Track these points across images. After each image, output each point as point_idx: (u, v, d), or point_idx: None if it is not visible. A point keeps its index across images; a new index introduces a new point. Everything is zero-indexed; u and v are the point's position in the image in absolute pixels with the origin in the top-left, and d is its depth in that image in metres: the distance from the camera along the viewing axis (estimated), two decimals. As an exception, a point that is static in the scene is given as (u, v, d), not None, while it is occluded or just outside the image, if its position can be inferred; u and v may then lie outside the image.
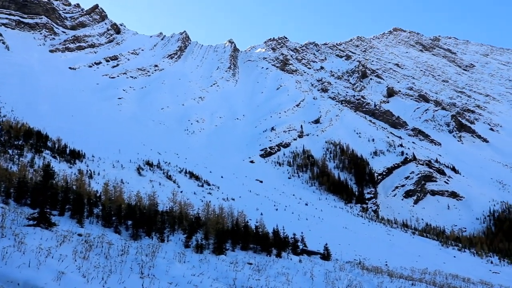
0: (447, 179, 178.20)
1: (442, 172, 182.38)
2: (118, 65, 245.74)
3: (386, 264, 50.51)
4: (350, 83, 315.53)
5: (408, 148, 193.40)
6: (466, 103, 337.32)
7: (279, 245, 34.59)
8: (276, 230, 36.89)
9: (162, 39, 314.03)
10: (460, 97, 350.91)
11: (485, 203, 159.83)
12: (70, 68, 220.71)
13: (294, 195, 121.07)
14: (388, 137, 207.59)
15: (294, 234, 39.31)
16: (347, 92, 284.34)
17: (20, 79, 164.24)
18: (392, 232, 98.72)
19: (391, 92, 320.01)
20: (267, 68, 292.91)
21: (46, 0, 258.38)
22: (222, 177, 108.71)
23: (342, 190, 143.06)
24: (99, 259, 16.68)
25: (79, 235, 21.93)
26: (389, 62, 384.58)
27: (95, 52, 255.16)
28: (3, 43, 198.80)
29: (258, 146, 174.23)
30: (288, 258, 32.67)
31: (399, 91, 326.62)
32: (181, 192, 69.57)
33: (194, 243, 28.35)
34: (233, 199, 79.38)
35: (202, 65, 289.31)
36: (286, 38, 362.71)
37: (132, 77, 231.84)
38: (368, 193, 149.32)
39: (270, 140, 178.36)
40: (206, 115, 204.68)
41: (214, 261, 24.05)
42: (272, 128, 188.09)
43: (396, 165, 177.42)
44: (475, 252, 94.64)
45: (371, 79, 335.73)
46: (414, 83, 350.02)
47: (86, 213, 29.24)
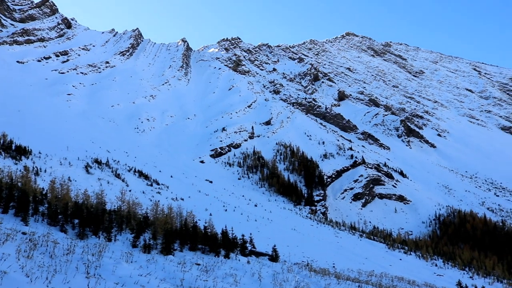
0: (395, 183, 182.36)
1: (390, 176, 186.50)
2: (68, 60, 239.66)
3: (334, 266, 50.98)
4: (302, 85, 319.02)
5: (358, 152, 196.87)
6: (415, 109, 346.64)
7: (228, 246, 34.51)
8: (225, 231, 36.80)
9: (114, 35, 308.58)
10: (410, 102, 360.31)
11: (431, 207, 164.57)
12: (18, 62, 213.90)
13: (243, 196, 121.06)
14: (338, 140, 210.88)
15: (243, 235, 39.31)
16: (298, 94, 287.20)
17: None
18: (340, 234, 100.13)
19: (342, 96, 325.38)
20: (219, 68, 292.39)
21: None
22: (171, 176, 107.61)
23: (292, 192, 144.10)
24: (43, 259, 16.26)
25: (23, 233, 21.32)
26: (341, 66, 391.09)
27: (45, 47, 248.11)
28: None
29: (208, 146, 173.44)
30: (237, 259, 32.63)
31: (350, 95, 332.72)
32: (129, 191, 68.43)
33: (142, 243, 27.96)
34: (182, 199, 78.66)
35: (154, 63, 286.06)
36: (240, 39, 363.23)
37: (82, 73, 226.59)
38: (317, 195, 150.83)
39: (221, 141, 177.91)
40: (157, 114, 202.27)
41: (161, 261, 23.80)
42: (223, 129, 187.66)
43: (345, 168, 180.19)
44: (420, 255, 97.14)
45: (322, 82, 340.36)
46: (365, 87, 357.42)
47: (31, 211, 28.29)
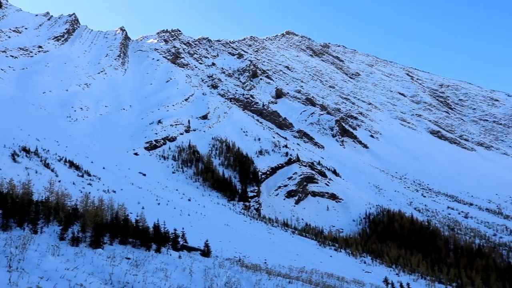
0: (328, 181, 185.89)
1: (324, 175, 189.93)
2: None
3: (265, 262, 51.12)
4: (241, 81, 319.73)
5: (293, 149, 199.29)
6: (350, 110, 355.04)
7: (159, 240, 33.97)
8: (157, 225, 36.19)
9: (49, 19, 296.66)
10: (345, 103, 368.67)
11: (362, 206, 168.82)
12: None
13: (177, 190, 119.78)
14: (274, 137, 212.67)
15: (175, 230, 38.77)
16: (236, 90, 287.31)
17: None
18: (273, 230, 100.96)
19: (279, 94, 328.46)
20: (158, 60, 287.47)
21: None
22: (104, 168, 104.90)
23: (226, 187, 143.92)
24: (-40, 251, 15.38)
25: None
26: (279, 64, 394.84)
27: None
28: None
29: (143, 139, 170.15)
30: (168, 253, 32.16)
31: (288, 93, 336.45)
32: (59, 181, 66.03)
33: (70, 236, 26.97)
34: (114, 192, 76.86)
35: (91, 50, 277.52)
36: (180, 31, 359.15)
37: (12, 56, 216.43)
38: (251, 191, 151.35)
39: (156, 133, 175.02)
40: (91, 103, 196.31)
41: (90, 254, 23.06)
42: (159, 121, 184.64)
43: (280, 165, 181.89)
44: (350, 252, 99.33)
45: (261, 79, 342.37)
46: (302, 86, 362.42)
47: None
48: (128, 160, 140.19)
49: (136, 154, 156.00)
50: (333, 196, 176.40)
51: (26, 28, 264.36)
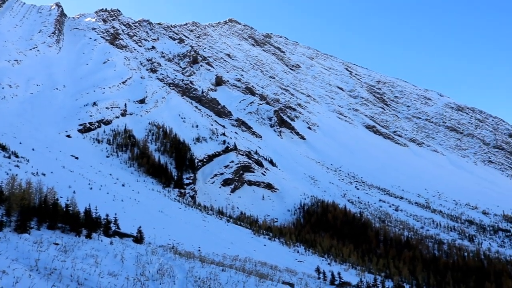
0: (264, 171, 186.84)
1: (260, 164, 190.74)
2: None
3: (199, 250, 50.77)
4: (180, 67, 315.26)
5: (230, 138, 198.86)
6: (289, 101, 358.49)
7: (91, 225, 32.53)
8: (88, 210, 34.67)
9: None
10: (284, 94, 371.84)
11: (297, 196, 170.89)
12: None
13: (111, 174, 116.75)
14: (212, 125, 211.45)
15: (107, 215, 37.39)
16: (176, 75, 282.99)
17: None
18: (208, 218, 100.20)
19: (219, 81, 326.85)
20: (95, 40, 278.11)
21: None
22: (33, 149, 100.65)
23: (161, 174, 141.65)
24: None
25: None
26: (221, 52, 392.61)
27: None
28: None
29: (77, 121, 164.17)
30: (99, 239, 30.89)
31: (228, 81, 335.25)
32: (-17, 162, 62.59)
33: (-8, 220, 25.28)
34: (43, 175, 73.64)
35: (22, 25, 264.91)
36: (119, 12, 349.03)
37: None
38: (187, 178, 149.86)
39: (91, 116, 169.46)
40: (21, 81, 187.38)
41: (15, 240, 21.74)
42: (94, 103, 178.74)
43: (217, 153, 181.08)
44: (284, 241, 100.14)
45: (201, 65, 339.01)
46: (242, 75, 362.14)
47: None
48: (59, 142, 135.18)
49: (68, 136, 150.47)
50: (269, 186, 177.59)
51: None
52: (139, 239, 38.85)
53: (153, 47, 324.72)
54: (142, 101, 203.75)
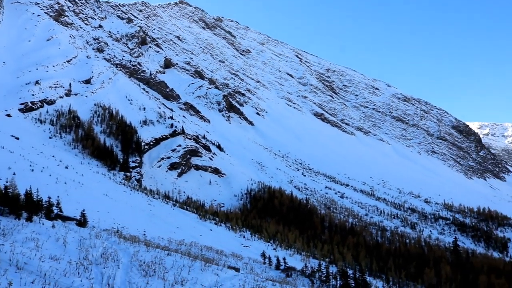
0: (211, 156, 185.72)
1: (208, 149, 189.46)
2: None
3: (145, 234, 49.93)
4: (128, 47, 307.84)
5: (178, 122, 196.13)
6: (238, 86, 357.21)
7: (31, 208, 31.08)
8: (29, 192, 33.14)
9: None
10: (234, 79, 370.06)
11: (244, 182, 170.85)
12: None
13: (54, 156, 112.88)
14: (160, 108, 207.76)
15: (49, 198, 35.91)
16: (123, 56, 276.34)
17: None
18: (154, 202, 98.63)
19: (168, 64, 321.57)
20: (38, 15, 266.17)
21: None
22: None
23: (107, 156, 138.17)
24: None
25: None
26: (170, 34, 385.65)
27: None
28: None
29: (18, 100, 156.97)
30: (40, 223, 29.53)
31: (177, 64, 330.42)
32: None
33: None
34: (-19, 154, 70.42)
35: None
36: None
37: None
38: (133, 161, 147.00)
39: (33, 95, 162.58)
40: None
41: None
42: (37, 82, 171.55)
43: (164, 136, 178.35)
44: (230, 226, 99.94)
45: (150, 47, 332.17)
46: (192, 58, 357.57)
47: None
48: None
49: (8, 115, 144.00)
50: (216, 171, 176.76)
51: None
52: (82, 222, 37.85)
53: (100, 26, 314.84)
54: (87, 81, 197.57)
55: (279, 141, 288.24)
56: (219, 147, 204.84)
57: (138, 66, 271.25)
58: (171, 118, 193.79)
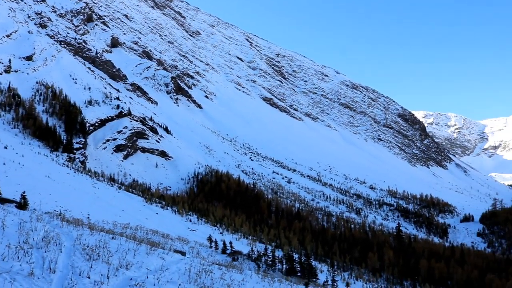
0: (158, 138, 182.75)
1: (155, 131, 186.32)
2: None
3: (89, 217, 48.80)
4: (73, 24, 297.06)
5: (125, 103, 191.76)
6: (187, 68, 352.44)
7: (-35, 188, 29.32)
8: (-37, 171, 31.30)
9: None
10: (183, 61, 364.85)
11: (191, 165, 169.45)
12: None
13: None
14: (106, 88, 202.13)
15: (-14, 178, 34.13)
16: (68, 33, 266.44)
17: None
18: (98, 185, 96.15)
19: (115, 43, 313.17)
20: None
21: None
22: None
23: (49, 137, 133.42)
24: None
25: None
26: (118, 11, 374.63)
27: None
28: None
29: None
30: (-25, 205, 27.92)
31: (124, 43, 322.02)
32: None
33: None
34: None
35: None
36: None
37: None
38: (77, 143, 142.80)
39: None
40: None
41: None
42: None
43: (110, 117, 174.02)
44: (177, 210, 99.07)
45: (96, 24, 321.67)
46: (140, 38, 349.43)
47: None
48: None
49: None
50: (163, 154, 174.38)
51: None
52: (22, 205, 36.18)
53: (43, 0, 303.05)
54: (29, 58, 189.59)
55: (228, 125, 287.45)
56: (166, 129, 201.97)
57: (84, 44, 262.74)
58: (118, 99, 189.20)
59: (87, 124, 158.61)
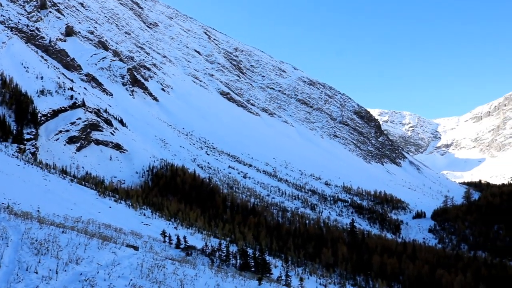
0: (113, 131, 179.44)
1: (110, 123, 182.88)
2: None
3: (38, 210, 47.32)
4: (26, 10, 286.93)
5: (79, 93, 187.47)
6: (144, 60, 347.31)
7: None
8: None
9: None
10: (139, 52, 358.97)
11: (146, 159, 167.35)
12: None
13: None
14: (59, 78, 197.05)
15: None
16: (20, 19, 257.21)
17: None
18: (49, 177, 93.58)
19: (70, 32, 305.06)
20: None
21: None
22: None
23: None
24: None
25: None
26: None
27: None
28: None
29: None
30: None
31: (79, 32, 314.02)
32: None
33: None
34: None
35: None
36: None
37: None
38: (28, 133, 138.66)
39: None
40: None
41: None
42: None
43: (63, 108, 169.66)
44: (130, 204, 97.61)
45: (50, 12, 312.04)
46: (96, 27, 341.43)
47: None
48: None
49: None
50: (117, 146, 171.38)
51: None
52: (-34, 196, 34.88)
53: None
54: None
55: (184, 118, 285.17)
56: (121, 122, 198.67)
57: (37, 31, 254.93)
58: (71, 89, 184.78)
59: (39, 115, 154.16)
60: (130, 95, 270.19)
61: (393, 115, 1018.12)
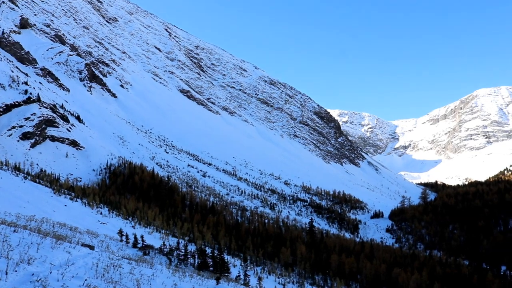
0: (70, 127, 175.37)
1: (66, 119, 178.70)
2: None
3: (-12, 208, 45.62)
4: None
5: (34, 88, 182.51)
6: (103, 55, 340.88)
7: None
8: None
9: None
10: (98, 47, 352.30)
11: (103, 156, 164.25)
12: None
13: None
14: (13, 71, 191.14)
15: None
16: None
17: None
18: (1, 174, 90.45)
19: (25, 24, 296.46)
20: None
21: None
22: None
23: None
24: None
25: None
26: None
27: None
28: None
29: None
30: None
31: (35, 25, 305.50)
32: None
33: None
34: None
35: None
36: None
37: None
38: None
39: None
40: None
41: None
42: None
43: (17, 103, 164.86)
44: (87, 202, 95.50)
45: (3, 2, 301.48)
46: (52, 20, 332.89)
47: None
48: None
49: None
50: (74, 143, 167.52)
51: None
52: None
53: None
54: None
55: (143, 116, 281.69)
56: (78, 118, 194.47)
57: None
58: (26, 83, 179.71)
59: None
60: (88, 91, 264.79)
61: (352, 116, 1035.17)
